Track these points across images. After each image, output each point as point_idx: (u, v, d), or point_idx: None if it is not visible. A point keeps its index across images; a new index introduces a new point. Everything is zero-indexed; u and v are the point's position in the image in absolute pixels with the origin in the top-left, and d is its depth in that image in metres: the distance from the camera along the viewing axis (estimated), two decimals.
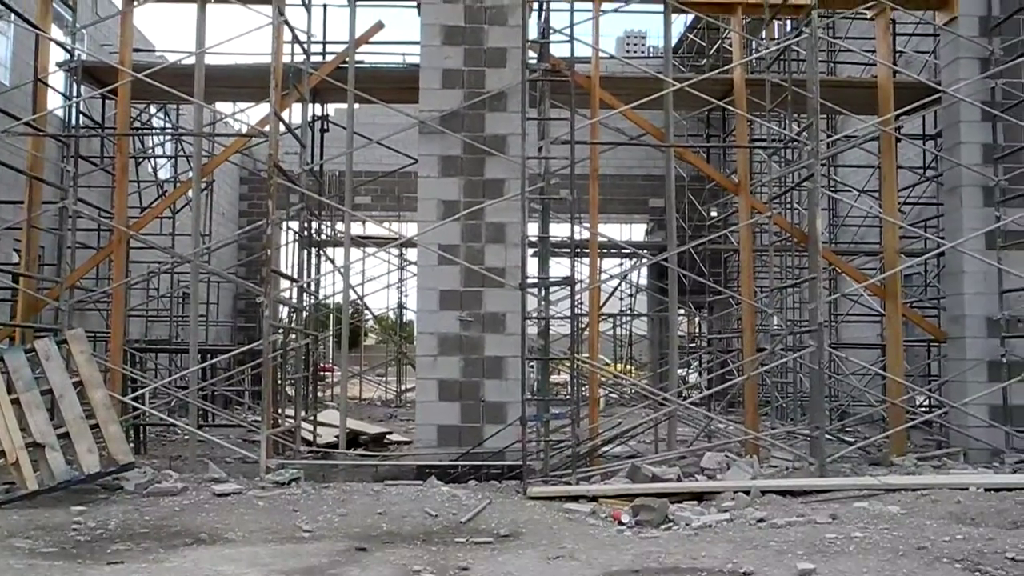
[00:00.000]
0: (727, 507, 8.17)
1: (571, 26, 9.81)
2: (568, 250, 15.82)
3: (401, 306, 25.31)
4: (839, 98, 11.51)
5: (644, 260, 20.91)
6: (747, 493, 8.45)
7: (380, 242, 17.21)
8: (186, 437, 11.57)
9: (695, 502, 8.45)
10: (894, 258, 11.31)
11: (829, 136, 15.46)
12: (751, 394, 11.27)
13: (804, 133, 10.61)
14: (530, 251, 10.61)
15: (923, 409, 12.33)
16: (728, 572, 5.91)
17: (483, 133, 10.42)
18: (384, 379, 25.59)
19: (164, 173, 18.45)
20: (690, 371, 22.10)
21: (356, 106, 11.49)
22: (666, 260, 11.48)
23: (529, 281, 10.06)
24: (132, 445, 12.21)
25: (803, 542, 6.60)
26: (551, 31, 10.29)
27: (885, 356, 14.17)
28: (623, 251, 24.10)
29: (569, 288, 9.92)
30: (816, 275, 9.67)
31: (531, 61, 10.53)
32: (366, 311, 26.73)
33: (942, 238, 11.61)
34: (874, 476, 9.23)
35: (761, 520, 7.53)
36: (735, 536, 7.00)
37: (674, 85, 10.82)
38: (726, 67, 12.00)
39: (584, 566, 6.16)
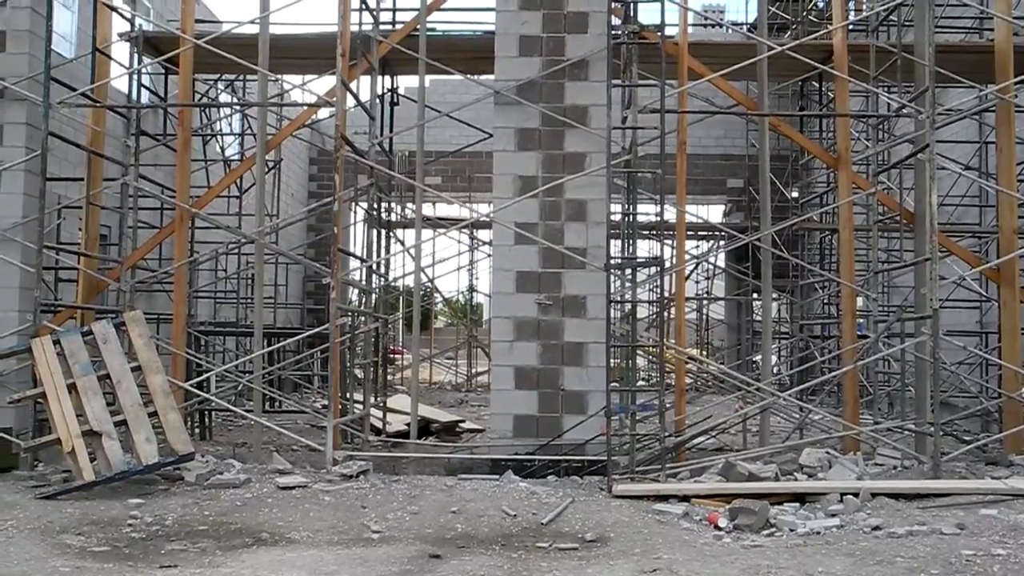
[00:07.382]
0: (834, 511, 7.40)
1: None
2: (648, 231, 15.09)
3: (472, 288, 24.75)
4: (947, 65, 10.48)
5: (723, 242, 19.92)
6: (855, 495, 7.65)
7: (452, 222, 16.60)
8: (252, 423, 11.13)
9: (796, 504, 7.68)
10: (1012, 239, 10.30)
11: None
12: (852, 386, 10.37)
13: (914, 102, 9.68)
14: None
15: None
16: None
17: (563, 104, 9.73)
18: (454, 362, 25.05)
19: (233, 151, 18.06)
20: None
21: (426, 82, 10.85)
22: (759, 240, 10.67)
23: (613, 262, 9.34)
24: (197, 430, 11.87)
25: (936, 559, 5.79)
26: None
27: (986, 345, 13.16)
28: (699, 233, 23.15)
29: (654, 270, 9.19)
30: (931, 257, 8.76)
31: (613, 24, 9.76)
32: (436, 293, 26.23)
33: None
34: (996, 478, 8.34)
35: (877, 528, 6.75)
36: (851, 548, 6.21)
37: (770, 49, 9.96)
38: (826, 30, 11.02)
39: None
